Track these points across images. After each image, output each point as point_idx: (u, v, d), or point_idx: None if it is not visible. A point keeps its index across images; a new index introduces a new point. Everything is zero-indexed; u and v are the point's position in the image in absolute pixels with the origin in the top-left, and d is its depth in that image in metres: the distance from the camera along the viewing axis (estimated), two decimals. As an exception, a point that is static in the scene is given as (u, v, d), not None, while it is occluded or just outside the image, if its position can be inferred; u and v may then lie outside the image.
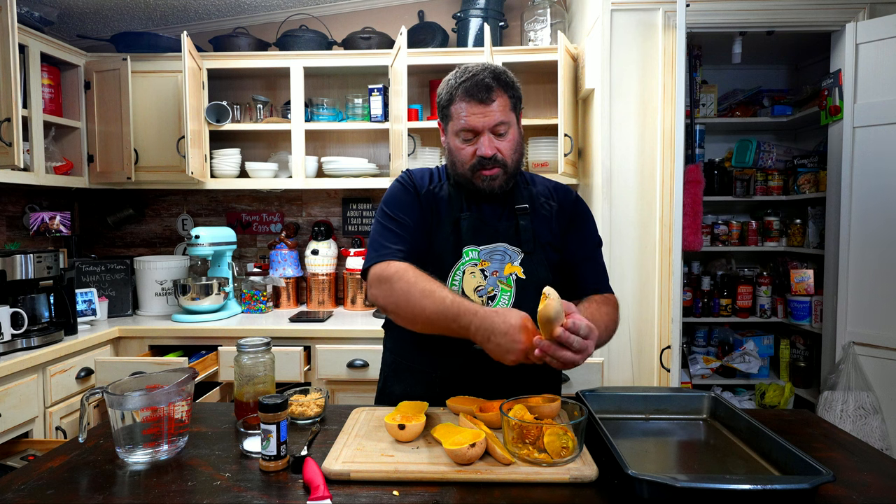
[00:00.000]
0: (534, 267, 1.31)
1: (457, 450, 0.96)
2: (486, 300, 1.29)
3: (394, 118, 2.57)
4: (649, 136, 2.37)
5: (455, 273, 1.30)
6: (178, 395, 1.07)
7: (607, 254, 2.38)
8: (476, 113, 1.24)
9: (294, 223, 3.14)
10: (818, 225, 2.94)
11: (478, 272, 1.30)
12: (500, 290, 1.30)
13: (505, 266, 1.31)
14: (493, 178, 1.28)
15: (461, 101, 1.26)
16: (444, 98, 1.30)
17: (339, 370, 2.29)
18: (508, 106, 1.27)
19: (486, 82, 1.24)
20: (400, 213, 1.31)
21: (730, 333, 3.34)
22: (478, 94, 1.24)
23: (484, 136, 1.25)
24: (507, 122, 1.26)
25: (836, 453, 1.08)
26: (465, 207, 1.33)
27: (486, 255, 1.31)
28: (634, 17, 2.35)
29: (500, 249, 1.31)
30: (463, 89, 1.25)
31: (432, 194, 1.35)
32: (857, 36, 2.39)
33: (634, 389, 1.37)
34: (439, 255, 1.31)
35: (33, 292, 2.27)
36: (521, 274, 1.30)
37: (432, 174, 1.40)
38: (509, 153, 1.28)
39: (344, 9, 3.10)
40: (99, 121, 2.73)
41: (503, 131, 1.27)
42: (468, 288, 1.30)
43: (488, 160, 1.25)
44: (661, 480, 0.84)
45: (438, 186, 1.37)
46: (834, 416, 2.39)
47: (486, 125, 1.25)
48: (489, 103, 1.24)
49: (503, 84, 1.26)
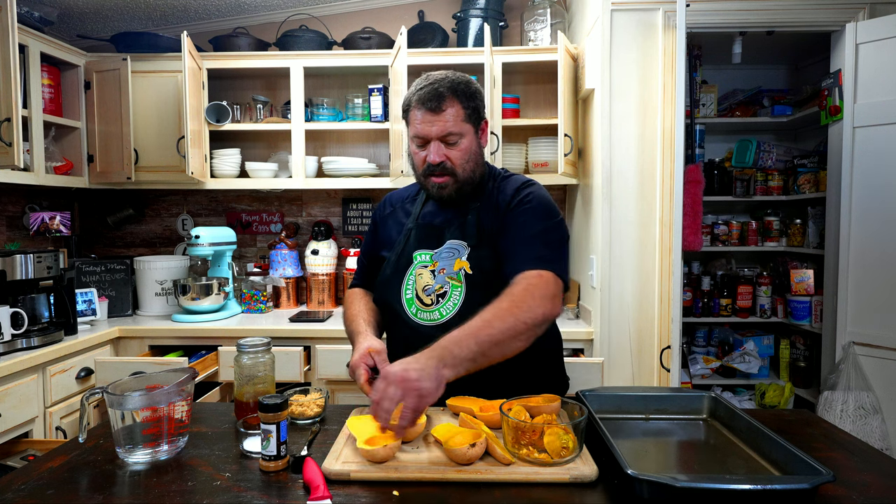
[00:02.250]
0: (480, 260, 1.33)
1: (457, 450, 0.96)
2: (435, 297, 1.33)
3: (394, 118, 2.57)
4: (649, 136, 2.37)
5: (408, 278, 1.37)
6: (178, 395, 1.07)
7: (607, 253, 2.39)
8: (426, 121, 1.30)
9: (294, 223, 3.14)
10: (818, 225, 2.94)
11: (426, 272, 1.35)
12: (450, 287, 1.33)
13: (454, 262, 1.34)
14: (443, 186, 1.34)
15: (416, 109, 1.32)
16: (404, 103, 1.37)
17: (339, 370, 2.28)
18: (462, 116, 1.31)
19: (440, 91, 1.29)
20: (363, 247, 1.57)
21: (730, 333, 3.34)
22: (428, 103, 1.29)
23: (433, 143, 1.31)
24: (457, 132, 1.31)
25: (836, 453, 1.08)
26: (422, 217, 1.42)
27: (437, 256, 1.36)
28: (634, 17, 2.35)
29: (448, 247, 1.36)
30: (417, 97, 1.31)
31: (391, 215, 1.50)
32: (857, 36, 2.39)
33: (634, 389, 1.37)
34: (393, 266, 1.40)
35: (33, 292, 2.27)
36: (468, 269, 1.32)
37: (413, 189, 1.53)
38: (460, 162, 1.32)
39: (344, 9, 3.10)
40: (99, 121, 2.73)
41: (453, 141, 1.31)
42: (419, 288, 1.35)
43: (436, 167, 1.31)
44: (661, 480, 0.84)
45: (411, 200, 1.49)
46: (834, 416, 2.39)
47: (434, 133, 1.30)
48: (439, 112, 1.29)
49: (459, 94, 1.31)
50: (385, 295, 1.41)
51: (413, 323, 1.34)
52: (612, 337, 2.40)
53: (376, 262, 1.48)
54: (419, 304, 1.34)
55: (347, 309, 1.47)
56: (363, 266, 1.56)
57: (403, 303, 1.36)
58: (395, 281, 1.38)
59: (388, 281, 1.40)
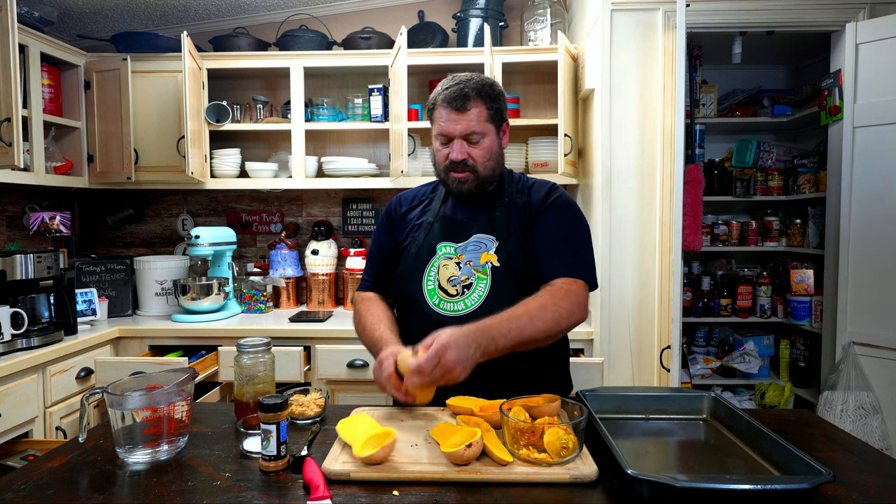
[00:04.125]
0: (507, 255, 1.36)
1: (454, 452, 0.96)
2: (461, 288, 1.35)
3: (394, 118, 2.57)
4: (649, 136, 2.37)
5: (431, 269, 1.39)
6: (178, 395, 1.07)
7: (607, 253, 2.39)
8: (451, 120, 1.35)
9: (294, 223, 3.14)
10: (818, 225, 2.94)
11: (451, 264, 1.38)
12: (475, 279, 1.35)
13: (481, 255, 1.37)
14: (463, 181, 1.37)
15: (441, 108, 1.36)
16: (430, 102, 1.41)
17: (339, 370, 2.28)
18: (485, 117, 1.36)
19: (465, 92, 1.34)
20: (374, 247, 1.53)
21: (730, 333, 3.34)
22: (454, 103, 1.34)
23: (456, 141, 1.35)
24: (480, 131, 1.35)
25: (836, 453, 1.08)
26: (444, 211, 1.44)
27: (462, 248, 1.39)
28: (634, 17, 2.35)
29: (475, 241, 1.38)
30: (443, 96, 1.36)
31: (410, 212, 1.49)
32: (857, 36, 2.39)
33: (634, 389, 1.37)
34: (414, 257, 1.41)
35: (33, 292, 2.26)
36: (496, 262, 1.35)
37: (421, 191, 1.54)
38: (481, 160, 1.37)
39: (344, 9, 3.10)
40: (99, 121, 2.73)
41: (476, 139, 1.36)
42: (443, 279, 1.37)
43: (458, 164, 1.35)
44: (661, 480, 0.84)
45: (424, 202, 1.50)
46: (834, 416, 2.39)
47: (458, 132, 1.34)
48: (464, 112, 1.34)
49: (484, 96, 1.36)
50: (406, 286, 1.40)
51: (434, 314, 1.35)
52: (612, 337, 2.40)
53: (392, 258, 1.48)
54: (442, 294, 1.36)
55: (364, 315, 1.43)
56: (375, 265, 1.53)
57: (425, 293, 1.37)
58: (417, 272, 1.39)
59: (409, 272, 1.41)
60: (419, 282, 1.38)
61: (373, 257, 1.54)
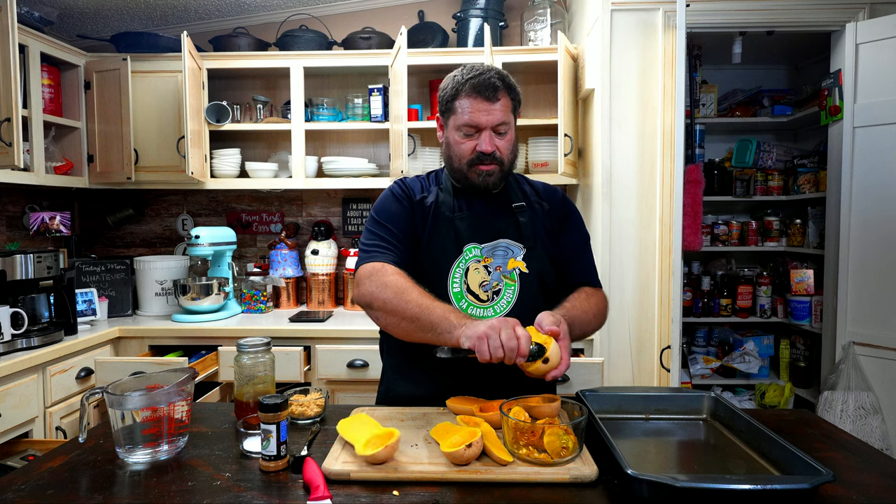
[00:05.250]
0: (535, 261, 1.36)
1: (454, 452, 0.96)
2: (491, 294, 1.33)
3: (394, 118, 2.57)
4: (649, 136, 2.37)
5: (455, 270, 1.33)
6: (178, 395, 1.07)
7: (607, 253, 2.39)
8: (481, 110, 1.29)
9: (294, 223, 3.14)
10: (818, 225, 2.94)
11: (481, 268, 1.34)
12: (504, 285, 1.33)
13: (508, 261, 1.34)
14: (489, 174, 1.32)
15: (467, 98, 1.29)
16: (450, 92, 1.33)
17: (339, 370, 2.28)
18: (510, 108, 1.33)
19: (493, 82, 1.29)
20: (389, 223, 1.34)
21: (730, 333, 3.34)
22: (485, 92, 1.28)
23: (485, 132, 1.30)
24: (507, 122, 1.32)
25: (836, 453, 1.08)
26: (460, 208, 1.37)
27: (489, 252, 1.34)
28: (634, 17, 2.35)
29: (503, 245, 1.35)
30: (470, 85, 1.29)
31: (425, 200, 1.38)
32: (857, 36, 2.39)
33: (634, 389, 1.37)
34: (437, 255, 1.33)
35: (33, 292, 2.26)
36: (525, 268, 1.34)
37: (423, 183, 1.43)
38: (507, 152, 1.34)
39: (344, 9, 3.10)
40: (99, 121, 2.73)
41: (504, 131, 1.32)
42: (473, 283, 1.33)
43: (487, 156, 1.30)
44: (661, 480, 0.84)
45: (432, 193, 1.40)
46: (834, 416, 2.39)
47: (489, 122, 1.29)
48: (494, 102, 1.29)
49: (507, 86, 1.32)
50: (428, 286, 1.24)
51: None
52: (613, 337, 2.40)
53: (410, 242, 1.34)
54: (472, 298, 1.32)
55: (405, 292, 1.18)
56: (392, 238, 1.32)
57: (451, 296, 1.31)
58: (440, 272, 1.32)
59: (433, 269, 1.32)
60: (444, 283, 1.31)
61: (390, 235, 1.33)
